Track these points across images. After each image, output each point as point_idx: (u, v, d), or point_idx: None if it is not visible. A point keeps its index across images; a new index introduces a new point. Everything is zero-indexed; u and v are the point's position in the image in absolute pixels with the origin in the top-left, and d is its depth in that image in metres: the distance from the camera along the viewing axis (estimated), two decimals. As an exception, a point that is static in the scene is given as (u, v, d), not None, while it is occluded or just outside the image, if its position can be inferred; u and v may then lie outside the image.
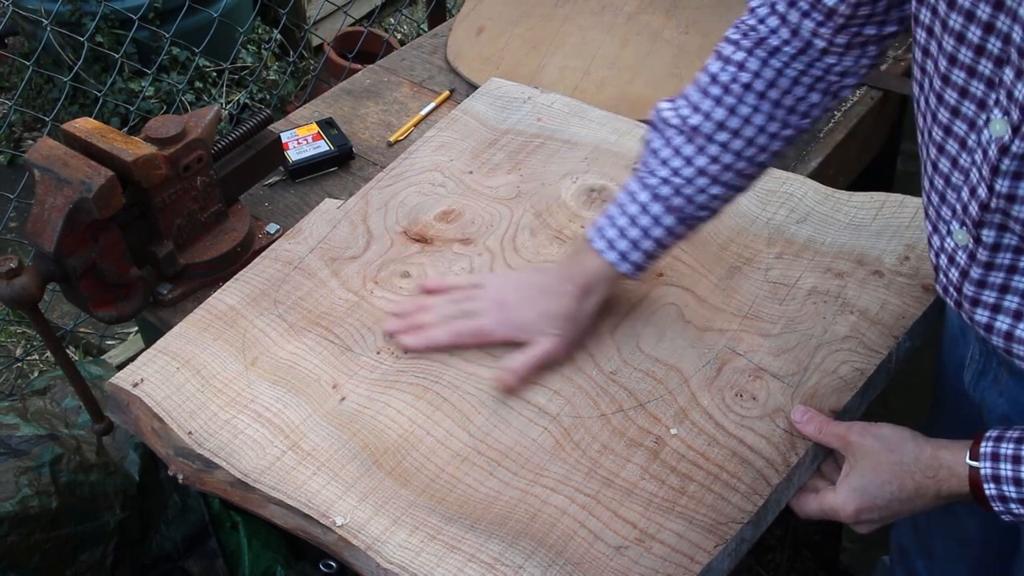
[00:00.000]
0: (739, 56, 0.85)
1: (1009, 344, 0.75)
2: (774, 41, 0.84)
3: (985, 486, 0.74)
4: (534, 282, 0.95)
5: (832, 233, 1.04)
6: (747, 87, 0.85)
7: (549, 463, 0.84)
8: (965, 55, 0.66)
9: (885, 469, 0.79)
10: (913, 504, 0.79)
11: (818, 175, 1.21)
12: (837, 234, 1.04)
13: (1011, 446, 0.73)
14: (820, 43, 0.82)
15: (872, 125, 1.36)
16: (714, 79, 0.86)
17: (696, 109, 0.87)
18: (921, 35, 0.72)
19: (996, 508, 0.74)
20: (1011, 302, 0.73)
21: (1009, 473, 0.72)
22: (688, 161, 0.87)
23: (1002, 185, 0.68)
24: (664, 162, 0.88)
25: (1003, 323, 0.74)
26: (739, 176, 0.88)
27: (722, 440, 0.85)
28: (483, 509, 0.80)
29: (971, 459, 0.75)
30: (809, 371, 0.90)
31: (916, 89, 0.76)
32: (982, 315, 0.75)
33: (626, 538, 0.78)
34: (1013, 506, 0.73)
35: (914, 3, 0.71)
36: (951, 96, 0.70)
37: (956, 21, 0.66)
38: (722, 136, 0.86)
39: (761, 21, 0.84)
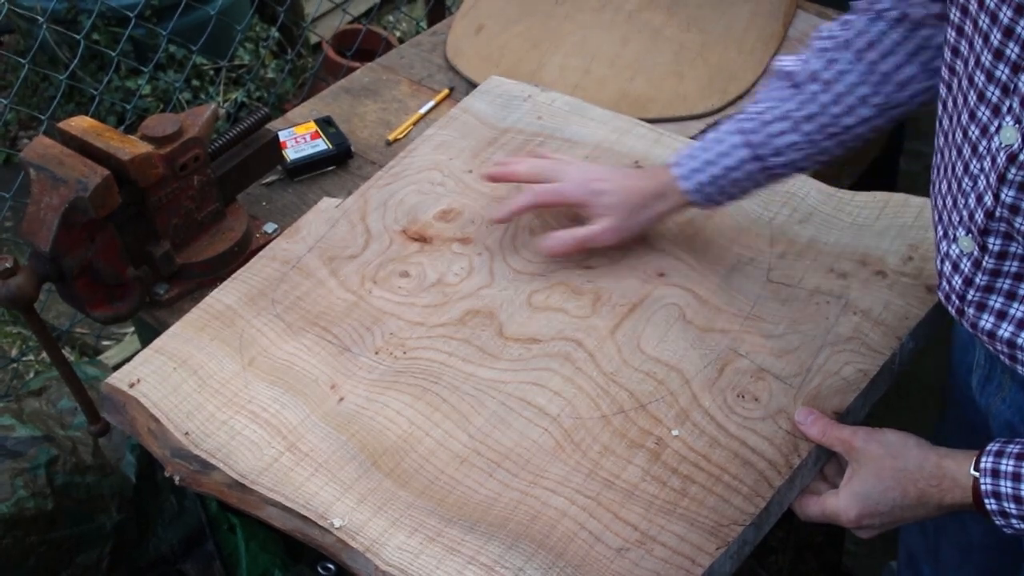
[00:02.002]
0: (851, 16, 0.87)
1: (1013, 351, 0.74)
2: (879, 6, 0.85)
3: (986, 501, 0.73)
4: (616, 169, 1.02)
5: (835, 233, 1.03)
6: (847, 44, 0.86)
7: (549, 464, 0.83)
8: (986, 58, 0.66)
9: (888, 476, 0.78)
10: (916, 512, 0.78)
11: (821, 174, 1.20)
12: (840, 234, 1.03)
13: (1011, 463, 0.72)
14: (918, 12, 0.83)
15: (874, 124, 1.35)
16: (820, 34, 0.89)
17: (800, 60, 0.90)
18: (952, 34, 0.71)
19: (998, 522, 0.74)
20: (1017, 310, 0.72)
21: (1009, 491, 0.72)
22: (778, 103, 0.89)
23: (1007, 195, 0.67)
24: (757, 102, 0.91)
25: (1006, 331, 0.73)
26: (821, 131, 0.89)
27: (724, 441, 0.84)
28: (483, 511, 0.80)
29: (975, 470, 0.74)
30: (812, 372, 0.89)
31: (944, 90, 0.75)
32: (986, 321, 0.75)
33: (627, 540, 0.77)
34: (1015, 521, 0.73)
35: (948, 3, 0.71)
36: (972, 99, 0.69)
37: (984, 22, 0.65)
38: (813, 86, 0.88)
39: None
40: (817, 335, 0.93)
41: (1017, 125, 0.64)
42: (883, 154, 1.46)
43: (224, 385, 0.91)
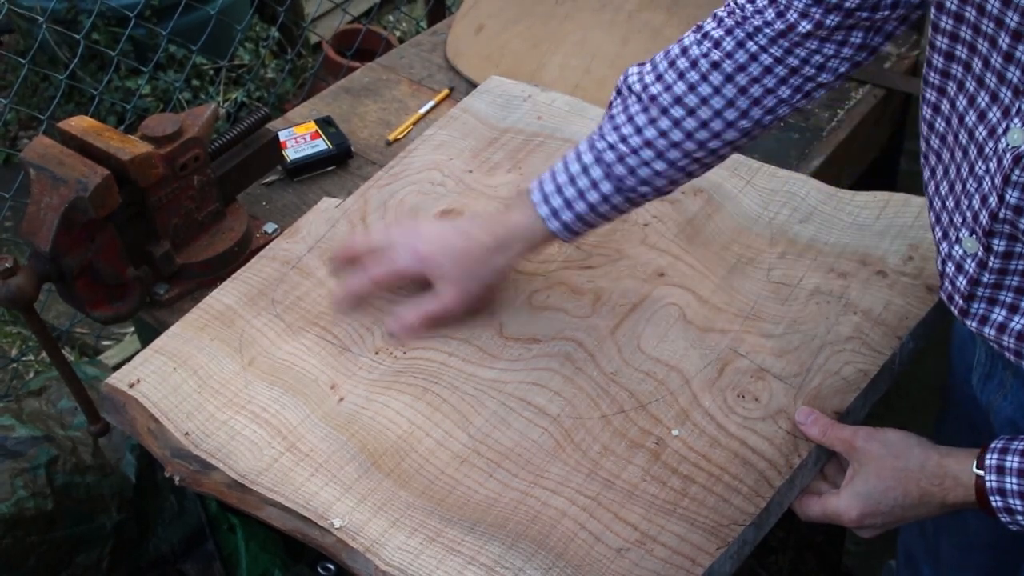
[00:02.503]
0: (717, 33, 0.82)
1: (1020, 346, 0.74)
2: (757, 21, 0.81)
3: (991, 499, 0.73)
4: (457, 227, 0.94)
5: (835, 233, 1.03)
6: (715, 66, 0.82)
7: (549, 464, 0.83)
8: (996, 60, 0.66)
9: (890, 475, 0.78)
10: (917, 511, 0.78)
11: (821, 174, 1.20)
12: (840, 234, 1.03)
13: (1016, 459, 0.72)
14: (806, 25, 0.79)
15: (875, 124, 1.35)
16: (685, 52, 0.84)
17: (659, 78, 0.84)
18: (943, 40, 0.70)
19: (1003, 519, 0.74)
20: (1020, 312, 0.72)
21: (1015, 487, 0.72)
22: (638, 130, 0.85)
23: (1011, 196, 0.67)
24: (616, 127, 0.86)
25: (1012, 330, 0.74)
26: (687, 157, 0.85)
27: (724, 441, 0.84)
28: (483, 511, 0.80)
29: (978, 468, 0.74)
30: (812, 372, 0.89)
31: (934, 94, 0.74)
32: (993, 320, 0.75)
33: (627, 540, 0.77)
34: (1021, 518, 0.73)
35: (933, 11, 0.70)
36: (983, 100, 0.68)
37: (988, 27, 0.65)
38: (677, 112, 0.83)
39: None
40: (817, 335, 0.93)
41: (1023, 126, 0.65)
42: (883, 154, 1.46)
43: (224, 385, 0.90)
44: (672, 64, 0.84)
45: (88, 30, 2.17)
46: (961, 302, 0.76)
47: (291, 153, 1.21)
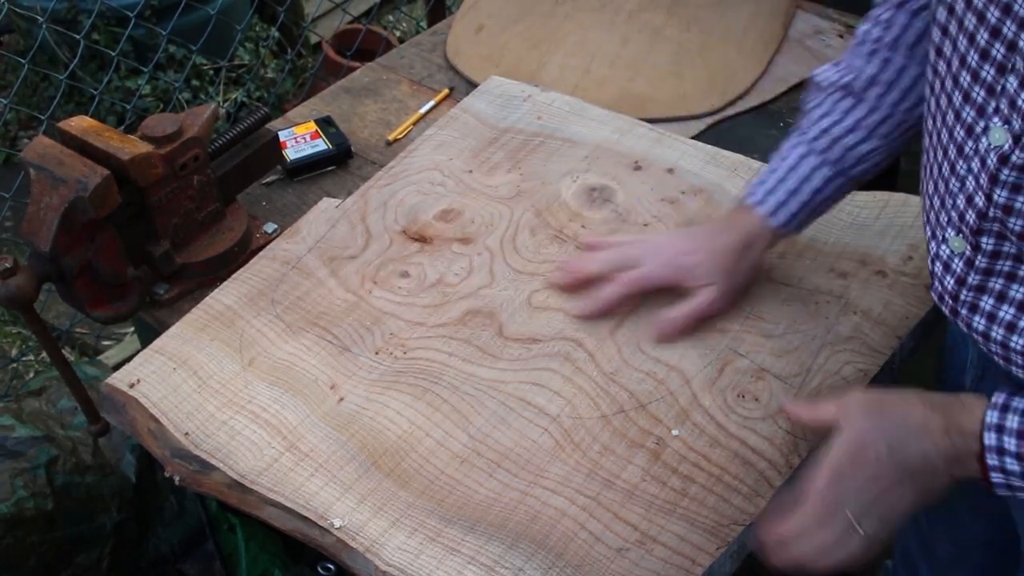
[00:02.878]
0: (886, 15, 0.86)
1: (1007, 352, 0.74)
2: (913, 5, 0.84)
3: (988, 456, 0.69)
4: (694, 234, 0.97)
5: (835, 233, 1.03)
6: (896, 41, 0.86)
7: (549, 464, 0.83)
8: (972, 58, 0.66)
9: (885, 406, 0.73)
10: (919, 444, 0.71)
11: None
12: (840, 234, 1.03)
13: (1018, 419, 0.69)
14: None
15: (873, 124, 1.35)
16: (864, 38, 0.88)
17: (849, 69, 0.88)
18: (937, 34, 0.71)
19: (995, 479, 0.70)
20: (1006, 312, 0.72)
21: (1013, 447, 0.69)
22: (843, 115, 0.88)
23: (1000, 195, 0.67)
24: (819, 120, 0.90)
25: (997, 333, 0.73)
26: (897, 129, 0.88)
27: (724, 441, 0.84)
28: (483, 511, 0.80)
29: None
30: (812, 372, 0.89)
31: (927, 91, 0.75)
32: (979, 323, 0.74)
33: (627, 540, 0.77)
34: (1015, 480, 0.69)
35: (934, 1, 0.71)
36: (957, 99, 0.69)
37: (971, 22, 0.65)
38: (876, 90, 0.87)
39: None
40: (817, 335, 0.93)
41: (1006, 126, 0.64)
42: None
43: (224, 385, 0.90)
44: (856, 52, 0.88)
45: (88, 30, 2.17)
46: (951, 302, 0.76)
47: (291, 153, 1.21)
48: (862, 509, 0.72)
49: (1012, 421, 0.69)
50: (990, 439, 0.69)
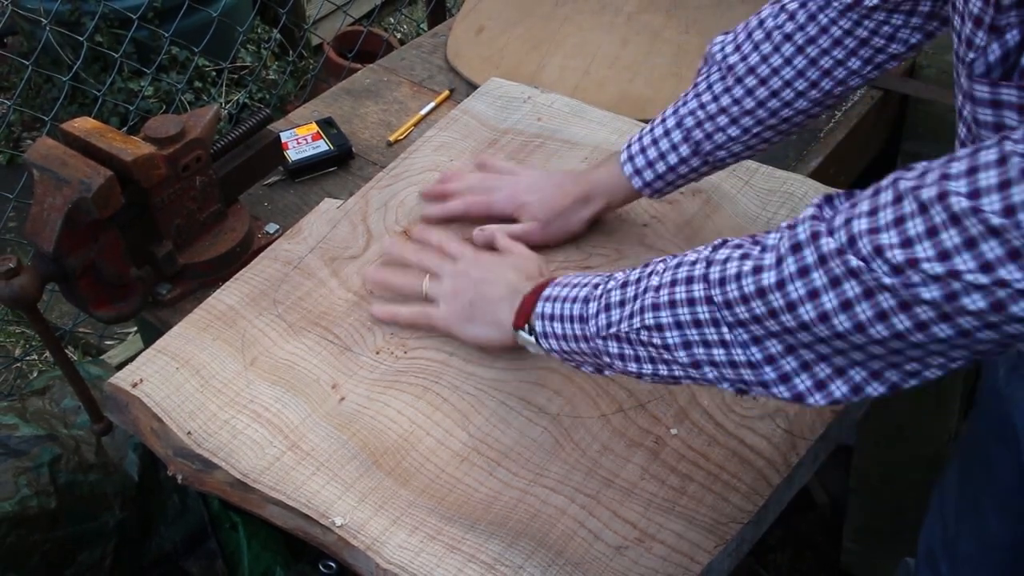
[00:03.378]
0: (792, 6, 0.86)
1: None
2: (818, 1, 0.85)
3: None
4: (552, 178, 1.04)
5: (832, 233, 1.04)
6: (788, 38, 0.86)
7: (549, 463, 0.84)
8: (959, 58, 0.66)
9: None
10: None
11: (819, 175, 1.21)
12: (837, 234, 1.04)
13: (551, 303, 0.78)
14: None
15: (873, 125, 1.36)
16: (761, 23, 0.88)
17: (737, 49, 0.89)
18: (955, 41, 0.71)
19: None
20: None
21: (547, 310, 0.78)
22: (715, 97, 0.90)
23: None
24: (697, 94, 0.92)
25: None
26: (759, 124, 0.90)
27: (722, 440, 0.85)
28: (483, 509, 0.80)
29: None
30: (810, 371, 0.90)
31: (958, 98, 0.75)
32: None
33: (626, 538, 0.78)
34: (542, 324, 0.78)
35: (950, 8, 0.71)
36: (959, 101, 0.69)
37: (961, 48, 0.66)
38: (750, 81, 0.88)
39: None
40: (815, 335, 0.93)
41: (968, 132, 0.65)
42: (881, 155, 1.46)
43: (226, 385, 0.91)
44: (749, 35, 0.89)
45: (91, 32, 2.18)
46: None
47: (293, 154, 1.22)
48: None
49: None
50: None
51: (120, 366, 0.99)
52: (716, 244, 0.68)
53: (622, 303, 0.71)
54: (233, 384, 0.91)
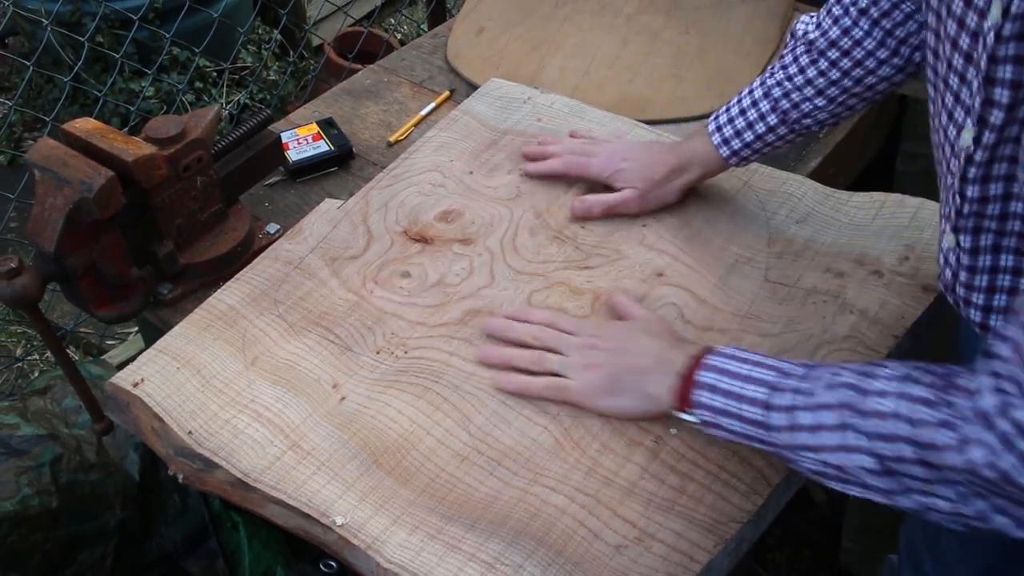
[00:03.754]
0: None
1: None
2: None
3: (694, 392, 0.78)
4: (649, 147, 1.08)
5: (832, 233, 1.04)
6: (863, 12, 0.91)
7: (549, 462, 0.84)
8: (958, 62, 0.68)
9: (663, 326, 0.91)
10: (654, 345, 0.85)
11: (818, 175, 1.21)
12: (837, 234, 1.04)
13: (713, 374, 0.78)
14: None
15: (872, 125, 1.36)
16: (838, 1, 0.93)
17: (819, 26, 0.94)
18: (931, 38, 0.73)
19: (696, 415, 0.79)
20: (998, 301, 0.74)
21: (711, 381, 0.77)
22: (801, 70, 0.95)
23: (973, 191, 0.70)
24: (784, 67, 0.97)
25: (996, 323, 0.75)
26: (845, 93, 0.94)
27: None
28: (483, 508, 0.81)
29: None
30: (809, 371, 0.90)
31: (931, 89, 0.77)
32: (975, 314, 0.76)
33: (626, 537, 0.78)
34: (708, 415, 0.78)
35: (924, 5, 0.72)
36: (949, 100, 0.71)
37: (952, 28, 0.67)
38: (833, 53, 0.93)
39: None
40: (814, 334, 0.93)
41: (975, 127, 0.66)
42: (880, 155, 1.47)
43: (227, 384, 0.91)
44: (829, 11, 0.94)
45: (92, 32, 2.18)
46: (952, 293, 0.79)
47: (293, 154, 1.22)
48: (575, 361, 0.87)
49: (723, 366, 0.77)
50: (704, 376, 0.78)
51: (121, 366, 0.99)
52: (902, 378, 0.66)
53: (814, 429, 0.69)
54: (234, 384, 0.91)
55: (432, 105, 1.33)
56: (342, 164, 1.25)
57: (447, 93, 1.36)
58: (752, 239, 1.04)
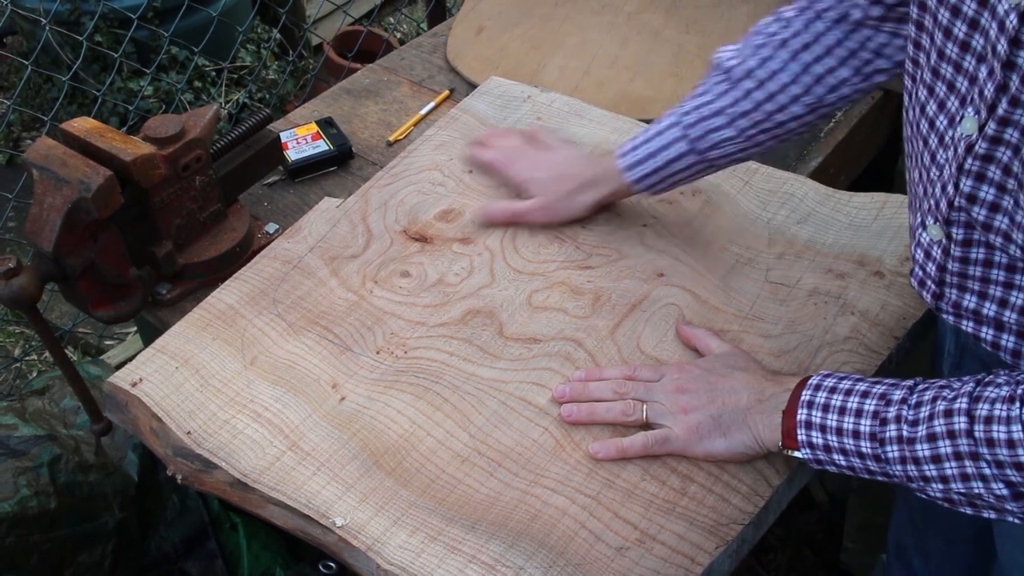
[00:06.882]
0: (789, 13, 0.90)
1: (998, 336, 0.75)
2: (820, 5, 0.88)
3: (798, 432, 0.77)
4: (574, 160, 1.06)
5: (833, 234, 1.04)
6: (784, 44, 0.89)
7: (550, 464, 0.83)
8: (952, 50, 0.67)
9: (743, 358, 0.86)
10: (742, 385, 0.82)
11: (819, 175, 1.21)
12: (838, 235, 1.04)
13: (824, 394, 0.76)
14: (857, 13, 0.85)
15: (873, 125, 1.36)
16: (760, 29, 0.92)
17: (738, 54, 0.92)
18: (913, 30, 0.73)
19: (804, 455, 0.78)
20: (995, 290, 0.74)
21: (818, 419, 0.76)
22: (713, 99, 0.93)
23: (965, 184, 0.69)
24: (697, 96, 0.94)
25: (990, 310, 0.75)
26: (754, 127, 0.92)
27: (723, 441, 0.85)
28: (484, 510, 0.80)
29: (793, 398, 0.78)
30: (810, 372, 0.90)
31: (909, 82, 0.77)
32: (969, 301, 0.76)
33: (627, 539, 0.78)
34: (820, 454, 0.76)
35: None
36: (941, 89, 0.70)
37: (944, 16, 0.66)
38: (747, 83, 0.91)
39: None
40: (815, 335, 0.93)
41: (977, 116, 0.66)
42: (881, 155, 1.47)
43: (226, 384, 0.91)
44: (747, 42, 0.92)
45: (91, 32, 2.18)
46: (934, 287, 0.78)
47: (292, 154, 1.22)
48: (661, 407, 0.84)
49: (819, 397, 0.76)
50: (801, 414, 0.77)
51: (120, 366, 0.99)
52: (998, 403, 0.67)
53: (934, 460, 0.70)
54: (233, 384, 0.91)
55: (432, 104, 1.33)
56: (341, 164, 1.24)
57: (447, 92, 1.35)
58: (753, 239, 1.04)
